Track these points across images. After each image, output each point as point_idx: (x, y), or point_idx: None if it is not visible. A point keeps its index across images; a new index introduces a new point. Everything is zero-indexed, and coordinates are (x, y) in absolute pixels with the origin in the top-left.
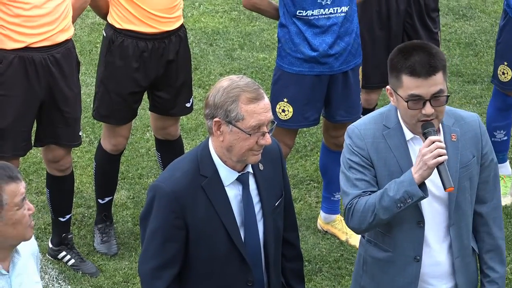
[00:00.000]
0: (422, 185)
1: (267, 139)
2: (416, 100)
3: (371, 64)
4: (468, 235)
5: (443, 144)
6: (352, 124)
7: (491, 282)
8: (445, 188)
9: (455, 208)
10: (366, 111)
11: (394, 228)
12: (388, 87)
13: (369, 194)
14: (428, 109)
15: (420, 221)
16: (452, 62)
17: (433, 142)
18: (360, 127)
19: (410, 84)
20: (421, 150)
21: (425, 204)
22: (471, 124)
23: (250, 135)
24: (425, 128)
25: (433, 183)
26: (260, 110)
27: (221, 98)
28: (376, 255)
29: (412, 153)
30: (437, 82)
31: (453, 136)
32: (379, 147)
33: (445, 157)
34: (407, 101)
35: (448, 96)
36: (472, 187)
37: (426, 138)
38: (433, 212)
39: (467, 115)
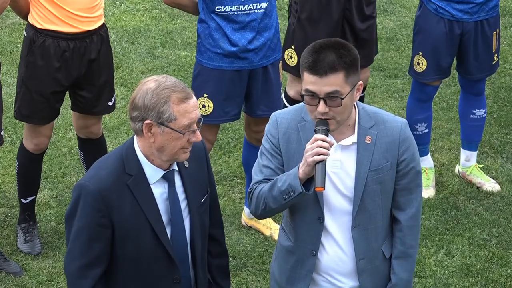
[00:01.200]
0: (309, 181)
1: (198, 136)
2: (311, 96)
3: None
4: (377, 238)
5: (325, 144)
6: (276, 111)
7: (392, 287)
8: (315, 187)
9: (360, 210)
10: (295, 102)
11: (297, 220)
12: None
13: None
14: (321, 107)
15: (320, 217)
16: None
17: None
18: (279, 115)
19: (307, 80)
20: (306, 147)
21: (333, 201)
22: (391, 129)
23: (183, 134)
24: (316, 126)
25: (342, 181)
26: (191, 109)
27: (151, 100)
28: (283, 243)
29: None
30: (333, 82)
31: (367, 139)
32: (291, 137)
33: (323, 156)
34: (302, 96)
35: (342, 99)
36: (385, 192)
37: None
38: (340, 210)
39: (391, 120)
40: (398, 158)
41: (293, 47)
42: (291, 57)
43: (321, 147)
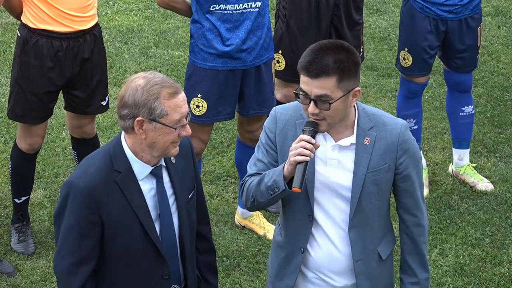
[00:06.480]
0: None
1: (188, 130)
2: (304, 96)
3: (299, 58)
4: (373, 240)
5: (309, 145)
6: (277, 106)
7: (414, 284)
8: (292, 187)
9: (357, 211)
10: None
11: (288, 216)
12: None
13: None
14: (311, 107)
15: (310, 215)
16: (367, 56)
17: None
18: (279, 110)
19: (302, 79)
20: (292, 146)
21: (328, 200)
22: (390, 131)
23: (175, 129)
24: (305, 126)
25: (339, 181)
26: (181, 103)
27: (142, 97)
28: (276, 237)
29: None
30: (324, 86)
31: (366, 140)
32: (287, 134)
33: (304, 157)
34: (296, 95)
35: (330, 103)
36: (381, 194)
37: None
38: (336, 210)
39: (391, 122)
40: (397, 160)
41: (280, 52)
42: (278, 61)
43: (304, 148)
